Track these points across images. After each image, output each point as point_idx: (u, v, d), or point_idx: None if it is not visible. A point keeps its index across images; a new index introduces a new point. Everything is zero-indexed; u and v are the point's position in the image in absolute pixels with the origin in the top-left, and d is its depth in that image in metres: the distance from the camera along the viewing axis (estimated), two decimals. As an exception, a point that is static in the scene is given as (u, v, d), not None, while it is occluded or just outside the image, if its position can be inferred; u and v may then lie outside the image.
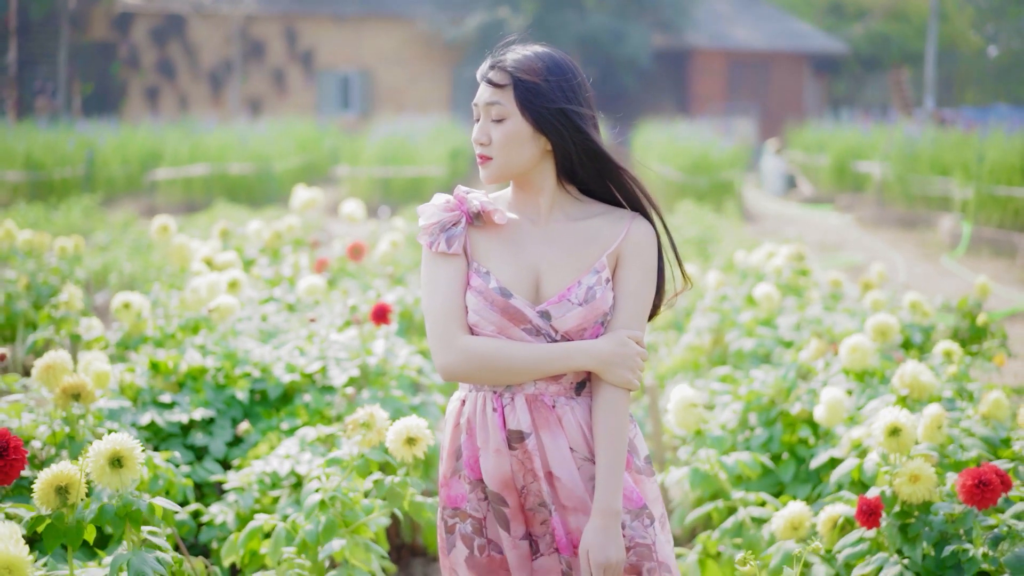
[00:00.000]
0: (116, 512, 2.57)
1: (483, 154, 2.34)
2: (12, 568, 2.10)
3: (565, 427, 2.34)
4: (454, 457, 2.42)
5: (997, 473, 3.08)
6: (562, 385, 2.34)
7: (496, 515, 2.38)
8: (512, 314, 2.31)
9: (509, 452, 2.34)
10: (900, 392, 3.94)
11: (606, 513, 2.27)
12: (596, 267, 2.34)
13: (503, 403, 2.35)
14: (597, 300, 2.32)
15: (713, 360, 5.89)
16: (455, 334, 2.30)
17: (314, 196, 7.15)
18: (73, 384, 3.44)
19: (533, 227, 2.38)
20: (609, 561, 2.25)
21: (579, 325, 2.32)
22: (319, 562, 3.09)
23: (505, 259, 2.35)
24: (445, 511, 2.43)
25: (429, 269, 2.36)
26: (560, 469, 2.33)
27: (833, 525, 3.37)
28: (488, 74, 2.33)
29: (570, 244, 2.36)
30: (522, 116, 2.30)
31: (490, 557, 2.39)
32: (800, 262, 6.93)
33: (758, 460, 3.77)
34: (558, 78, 2.33)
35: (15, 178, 16.86)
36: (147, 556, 2.55)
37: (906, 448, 3.23)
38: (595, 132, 2.37)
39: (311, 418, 4.09)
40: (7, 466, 2.54)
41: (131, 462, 2.59)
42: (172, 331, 4.63)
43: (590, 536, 2.27)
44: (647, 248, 2.38)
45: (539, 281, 2.35)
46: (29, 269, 7.27)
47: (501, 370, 2.29)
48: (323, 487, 3.15)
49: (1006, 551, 3.04)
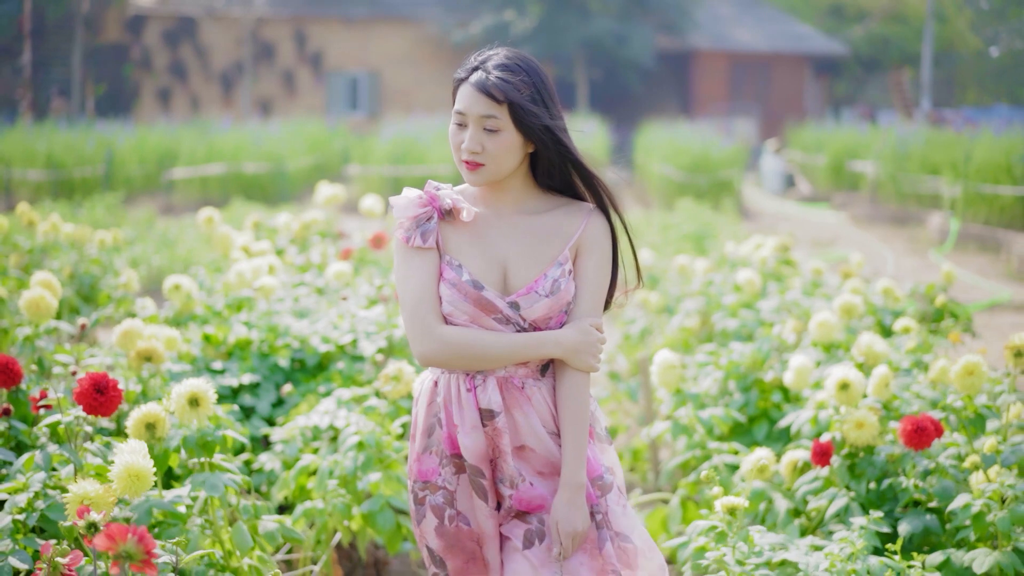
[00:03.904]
0: (196, 441, 3.17)
1: (474, 160, 2.48)
2: (140, 476, 2.68)
3: (535, 405, 2.53)
4: (427, 434, 2.57)
5: (932, 421, 3.68)
6: (529, 368, 2.53)
7: (474, 487, 2.55)
8: (484, 305, 2.48)
9: (483, 429, 2.52)
10: (858, 359, 4.54)
11: (572, 486, 2.49)
12: (560, 260, 2.52)
13: (475, 384, 2.52)
14: (562, 291, 2.51)
15: (701, 340, 6.50)
16: (432, 324, 2.46)
17: (336, 192, 7.75)
18: (147, 348, 4.05)
19: (499, 220, 2.55)
20: (576, 530, 2.48)
21: (546, 315, 2.51)
22: (358, 492, 3.69)
23: (474, 252, 2.52)
24: (416, 484, 2.59)
25: (403, 262, 2.52)
26: (533, 442, 2.53)
27: (794, 467, 3.97)
28: (486, 87, 2.45)
29: (534, 237, 2.54)
30: (515, 130, 2.46)
31: (458, 527, 2.56)
32: (785, 253, 7.53)
33: (730, 414, 4.37)
34: (542, 93, 2.48)
35: (37, 177, 17.49)
36: (221, 476, 3.15)
37: (854, 401, 3.82)
38: (571, 140, 2.54)
39: (344, 383, 4.70)
40: (108, 401, 3.12)
41: (206, 402, 3.18)
42: (220, 309, 5.24)
43: (559, 508, 2.48)
44: (603, 240, 2.57)
45: (506, 272, 2.52)
46: (72, 260, 7.87)
47: (477, 358, 2.47)
48: (360, 431, 3.75)
49: (934, 484, 3.63)
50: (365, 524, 3.73)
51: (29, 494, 2.95)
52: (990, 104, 37.32)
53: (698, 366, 5.45)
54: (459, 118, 2.49)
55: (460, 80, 2.51)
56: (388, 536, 3.68)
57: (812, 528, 3.80)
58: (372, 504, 3.65)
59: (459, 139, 2.50)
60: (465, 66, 2.52)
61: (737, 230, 13.72)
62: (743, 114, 33.35)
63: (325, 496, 3.68)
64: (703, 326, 6.61)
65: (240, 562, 3.11)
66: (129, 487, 2.70)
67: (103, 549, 1.98)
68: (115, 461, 2.73)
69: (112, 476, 2.71)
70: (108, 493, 2.65)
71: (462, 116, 2.49)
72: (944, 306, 6.13)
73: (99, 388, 3.06)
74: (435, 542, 2.58)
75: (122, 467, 2.70)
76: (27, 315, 4.34)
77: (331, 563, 3.85)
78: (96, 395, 3.05)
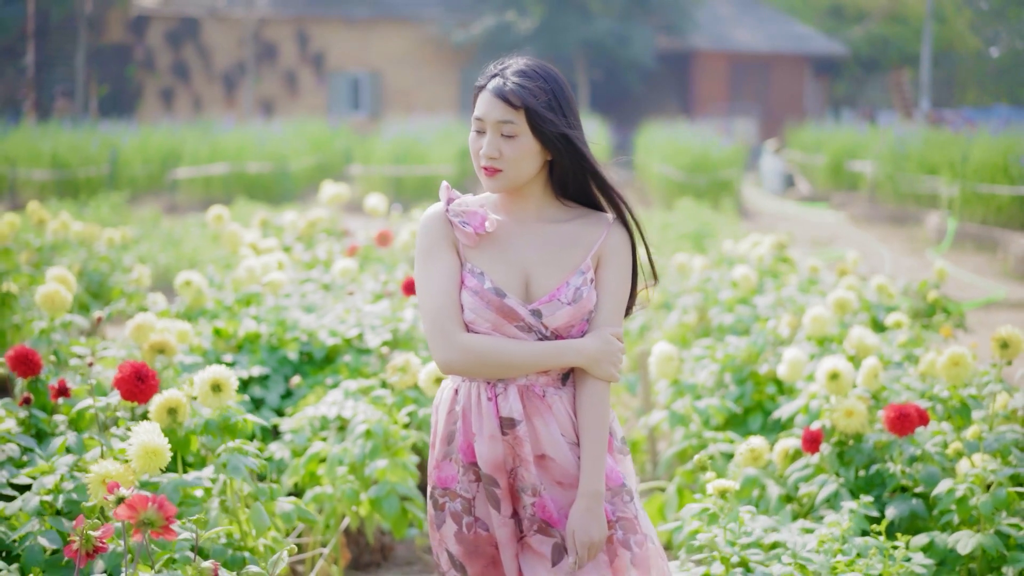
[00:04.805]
0: (218, 424, 3.31)
1: (493, 167, 2.49)
2: (156, 453, 2.82)
3: (555, 414, 2.53)
4: (446, 442, 2.57)
5: (915, 409, 3.82)
6: (550, 376, 2.53)
7: (488, 496, 2.55)
8: (506, 312, 2.49)
9: (502, 438, 2.52)
10: (849, 352, 4.68)
11: (590, 495, 2.48)
12: (582, 268, 2.54)
13: (496, 392, 2.52)
14: (584, 300, 2.51)
15: (698, 335, 6.64)
16: (454, 332, 2.47)
17: (341, 191, 7.91)
18: (160, 340, 4.19)
19: (520, 228, 2.56)
20: (592, 540, 2.47)
21: (568, 323, 2.51)
22: (366, 477, 3.84)
23: (496, 260, 2.52)
24: (435, 490, 2.59)
25: (424, 269, 2.53)
26: (553, 451, 2.52)
27: (786, 455, 4.11)
28: (503, 92, 2.48)
29: (555, 245, 2.55)
30: (532, 136, 2.48)
31: (476, 534, 2.57)
32: (781, 250, 7.68)
33: (725, 404, 4.52)
34: (560, 101, 2.51)
35: (42, 177, 17.65)
36: (241, 458, 3.29)
37: (844, 390, 3.97)
38: (589, 149, 2.55)
39: (351, 375, 4.85)
40: (146, 389, 3.26)
41: (227, 387, 3.33)
42: (229, 304, 5.39)
43: (575, 517, 2.47)
44: (624, 251, 2.59)
45: (528, 280, 2.53)
46: (81, 257, 8.02)
47: (498, 366, 2.48)
48: (368, 419, 3.90)
49: (920, 470, 3.78)
50: (372, 509, 3.88)
51: (55, 477, 3.10)
52: (990, 104, 37.46)
53: (695, 360, 5.59)
54: (478, 124, 2.52)
55: (479, 87, 2.54)
56: (394, 521, 3.82)
57: (803, 513, 3.94)
58: (379, 490, 3.80)
59: (478, 145, 2.52)
60: (485, 73, 2.55)
61: (736, 229, 13.86)
62: (743, 114, 33.51)
63: (334, 482, 3.83)
64: (700, 321, 6.76)
65: (256, 542, 3.25)
66: (146, 464, 2.83)
67: (124, 518, 2.11)
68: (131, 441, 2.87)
69: (129, 454, 2.85)
70: (128, 472, 2.79)
71: (480, 122, 2.51)
72: (936, 302, 6.28)
73: (140, 376, 3.21)
74: (455, 547, 2.58)
75: (139, 445, 2.84)
76: (43, 309, 4.48)
77: (340, 547, 3.99)
78: (137, 382, 3.20)
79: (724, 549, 3.15)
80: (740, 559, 3.14)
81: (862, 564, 3.09)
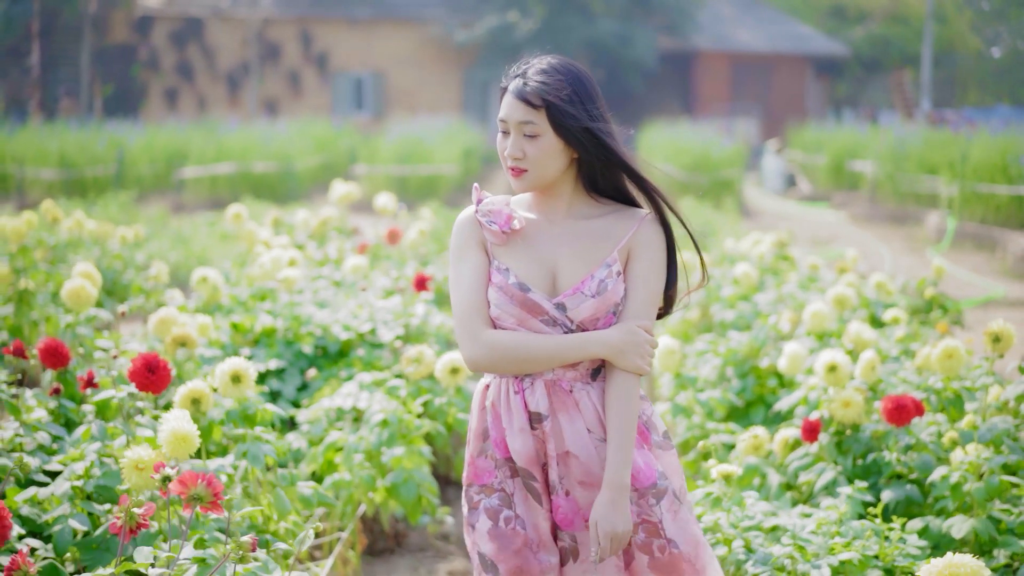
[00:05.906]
0: (239, 414, 3.47)
1: (518, 167, 2.50)
2: (185, 439, 2.96)
3: (582, 410, 2.51)
4: (481, 438, 2.59)
5: (911, 400, 3.97)
6: (579, 371, 2.51)
7: (529, 490, 2.54)
8: (530, 307, 2.49)
9: (531, 431, 2.53)
10: (847, 346, 4.84)
11: (614, 486, 2.44)
12: (608, 261, 2.51)
13: (524, 387, 2.53)
14: (609, 292, 2.49)
15: (701, 331, 6.80)
16: (479, 329, 2.49)
17: (351, 190, 8.06)
18: (182, 334, 4.34)
19: (550, 226, 2.56)
20: (615, 531, 2.43)
21: (593, 315, 2.49)
22: (382, 465, 3.99)
23: (523, 256, 2.53)
24: (471, 488, 2.58)
25: (455, 270, 2.56)
26: (577, 448, 2.50)
27: (786, 444, 4.26)
28: (523, 93, 2.49)
29: (585, 241, 2.54)
30: (555, 134, 2.49)
31: (514, 530, 2.53)
32: (782, 248, 7.83)
33: (726, 396, 4.67)
34: (581, 96, 2.51)
35: (50, 176, 17.80)
36: (261, 446, 3.45)
37: (842, 382, 4.12)
38: (616, 142, 2.54)
39: (364, 368, 5.00)
40: (158, 379, 3.41)
41: (247, 378, 3.48)
42: (245, 299, 5.54)
43: (599, 508, 2.44)
44: (656, 243, 2.55)
45: (556, 275, 2.52)
46: (95, 255, 8.17)
47: (522, 360, 2.48)
48: (384, 409, 4.05)
49: (915, 458, 3.93)
50: (388, 496, 4.03)
51: (86, 463, 3.25)
52: (991, 104, 37.57)
53: (697, 354, 5.74)
54: (502, 126, 2.53)
55: (503, 89, 2.55)
56: (410, 506, 3.97)
57: (803, 500, 4.10)
58: (397, 476, 3.95)
59: (503, 147, 2.53)
60: (508, 74, 2.56)
61: (737, 228, 14.01)
62: (744, 114, 33.65)
63: (352, 469, 3.98)
64: (703, 318, 6.91)
65: (277, 525, 3.41)
66: (176, 449, 2.98)
67: (176, 493, 2.27)
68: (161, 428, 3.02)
69: (160, 441, 3.00)
70: (159, 457, 2.94)
71: (504, 124, 2.52)
72: (934, 299, 6.43)
73: (151, 368, 3.36)
74: (487, 546, 2.55)
75: (169, 431, 2.98)
76: (69, 303, 4.64)
77: (356, 532, 4.15)
78: (148, 374, 3.35)
79: (727, 531, 3.30)
80: (743, 541, 3.29)
81: (859, 545, 3.24)
